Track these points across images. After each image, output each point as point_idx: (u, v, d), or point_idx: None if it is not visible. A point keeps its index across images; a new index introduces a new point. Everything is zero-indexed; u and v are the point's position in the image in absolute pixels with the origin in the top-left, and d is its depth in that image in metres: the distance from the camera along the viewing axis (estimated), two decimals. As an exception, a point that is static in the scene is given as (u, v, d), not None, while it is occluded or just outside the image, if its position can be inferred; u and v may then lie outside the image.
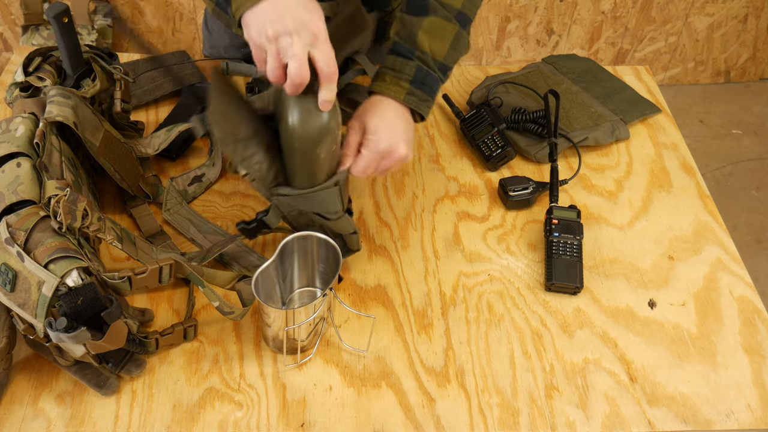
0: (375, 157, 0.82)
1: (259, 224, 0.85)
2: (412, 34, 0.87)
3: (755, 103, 2.54)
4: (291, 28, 0.69)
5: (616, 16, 2.31)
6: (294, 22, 0.70)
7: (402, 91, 0.86)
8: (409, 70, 0.86)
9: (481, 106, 1.14)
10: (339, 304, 0.90)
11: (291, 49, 0.70)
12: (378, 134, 0.82)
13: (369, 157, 0.81)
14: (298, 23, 0.70)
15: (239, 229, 0.86)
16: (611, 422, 0.82)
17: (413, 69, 0.86)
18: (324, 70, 0.72)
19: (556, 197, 1.03)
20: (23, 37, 2.06)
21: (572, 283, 0.93)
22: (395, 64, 0.87)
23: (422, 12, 0.87)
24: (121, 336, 0.74)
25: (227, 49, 1.20)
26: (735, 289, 0.97)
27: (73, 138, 0.91)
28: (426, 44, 0.87)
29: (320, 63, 0.71)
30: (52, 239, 0.73)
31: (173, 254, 0.93)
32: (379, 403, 0.82)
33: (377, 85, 0.87)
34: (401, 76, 0.86)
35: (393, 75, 0.86)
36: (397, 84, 0.86)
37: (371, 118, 0.83)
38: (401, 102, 0.86)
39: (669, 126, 1.21)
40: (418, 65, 0.87)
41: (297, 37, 0.69)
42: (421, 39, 0.87)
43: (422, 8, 0.87)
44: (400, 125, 0.84)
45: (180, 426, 0.79)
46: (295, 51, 0.69)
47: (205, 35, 1.23)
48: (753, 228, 2.13)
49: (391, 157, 0.83)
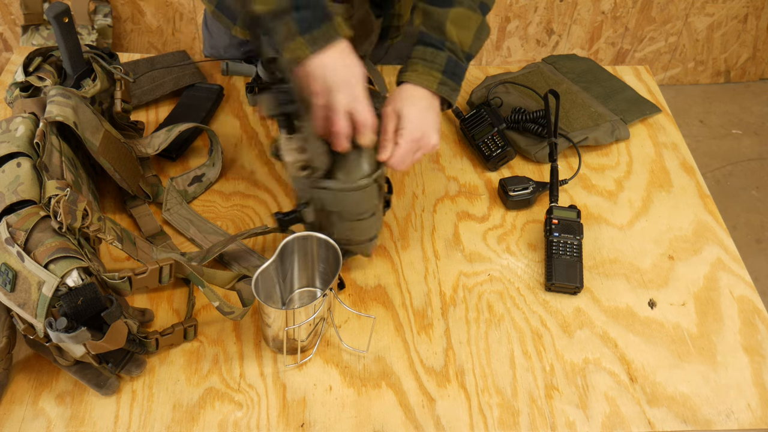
0: (412, 146, 0.84)
1: (296, 217, 0.86)
2: (441, 25, 0.89)
3: (755, 103, 2.54)
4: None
5: (616, 16, 2.31)
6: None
7: (434, 80, 0.88)
8: (441, 60, 0.88)
9: (481, 106, 1.14)
10: (339, 305, 0.90)
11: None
12: (413, 122, 0.84)
13: (406, 147, 0.84)
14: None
15: (276, 218, 0.86)
16: (611, 422, 0.82)
17: (444, 59, 0.88)
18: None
19: (556, 197, 1.03)
20: (23, 37, 2.06)
21: (572, 283, 0.93)
22: (426, 54, 0.89)
23: (447, 3, 0.89)
24: (121, 336, 0.74)
25: (227, 49, 1.20)
26: (735, 289, 0.97)
27: (74, 138, 0.91)
28: (454, 35, 0.89)
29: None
30: (53, 239, 0.73)
31: (173, 254, 0.93)
32: (379, 403, 0.82)
33: (409, 75, 0.88)
34: (433, 66, 0.88)
35: (425, 65, 0.88)
36: (429, 74, 0.88)
37: (405, 106, 0.85)
38: (434, 91, 0.88)
39: (669, 126, 1.21)
40: (449, 55, 0.89)
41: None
42: (450, 29, 0.89)
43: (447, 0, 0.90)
44: (432, 114, 0.87)
45: (180, 426, 0.79)
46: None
47: (205, 35, 1.24)
48: (753, 228, 2.13)
49: (425, 146, 0.86)
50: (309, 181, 0.82)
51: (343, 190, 0.81)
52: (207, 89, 1.17)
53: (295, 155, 0.79)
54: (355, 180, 0.81)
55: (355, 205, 0.83)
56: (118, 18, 2.15)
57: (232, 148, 1.11)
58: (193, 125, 1.02)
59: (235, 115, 1.17)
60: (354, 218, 0.85)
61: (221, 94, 1.17)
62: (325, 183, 0.82)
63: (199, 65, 1.22)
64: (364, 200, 0.83)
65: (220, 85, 1.18)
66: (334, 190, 0.82)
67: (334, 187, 0.81)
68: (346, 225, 0.85)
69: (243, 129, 1.14)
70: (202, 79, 1.20)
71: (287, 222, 0.87)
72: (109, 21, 2.10)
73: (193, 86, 1.18)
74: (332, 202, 0.83)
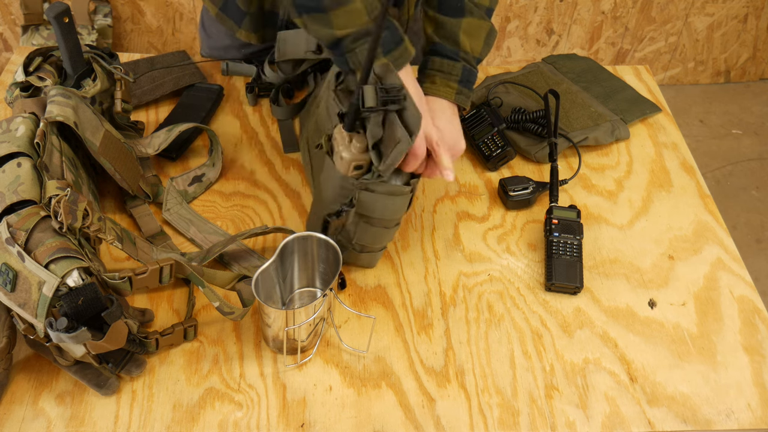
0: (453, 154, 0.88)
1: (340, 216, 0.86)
2: (454, 35, 0.91)
3: (755, 103, 2.54)
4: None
5: (616, 16, 2.31)
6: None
7: (452, 91, 0.91)
8: (457, 71, 0.92)
9: (481, 106, 1.14)
10: (339, 305, 0.90)
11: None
12: (447, 133, 0.88)
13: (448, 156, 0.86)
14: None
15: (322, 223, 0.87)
16: (611, 422, 0.82)
17: (460, 69, 0.92)
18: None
19: (556, 197, 1.03)
20: (23, 37, 2.06)
21: (572, 283, 0.93)
22: (443, 66, 0.92)
23: (459, 14, 0.92)
24: (122, 336, 0.74)
25: (227, 50, 1.20)
26: (735, 289, 0.97)
27: (74, 138, 0.91)
28: (467, 44, 0.92)
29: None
30: (53, 239, 0.74)
31: (173, 254, 0.93)
32: (379, 403, 0.82)
33: (429, 88, 0.92)
34: (450, 77, 0.92)
35: (442, 77, 0.92)
36: (447, 85, 0.91)
37: (436, 118, 0.88)
38: (452, 101, 0.91)
39: (669, 126, 1.21)
40: (464, 65, 0.92)
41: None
42: (463, 40, 0.92)
43: (459, 10, 0.92)
44: (456, 122, 0.91)
45: (180, 426, 0.79)
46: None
47: (203, 37, 1.23)
48: (753, 228, 2.13)
49: (457, 153, 0.89)
50: (358, 182, 0.81)
51: (385, 194, 0.82)
52: (207, 89, 1.17)
53: (355, 154, 0.79)
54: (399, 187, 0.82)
55: (391, 212, 0.84)
56: (118, 18, 2.15)
57: (232, 148, 1.11)
58: (193, 125, 1.02)
59: (235, 115, 1.17)
60: (383, 225, 0.86)
61: (221, 94, 1.18)
62: (371, 185, 0.81)
63: (199, 65, 1.22)
64: (399, 208, 0.84)
65: (220, 85, 1.18)
66: (378, 193, 0.82)
67: (378, 191, 0.81)
68: (371, 230, 0.86)
69: (243, 129, 1.15)
70: (202, 79, 1.20)
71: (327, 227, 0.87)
72: (109, 21, 2.10)
73: (193, 86, 1.18)
74: (370, 206, 0.83)
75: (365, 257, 0.92)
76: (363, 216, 0.85)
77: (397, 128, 0.75)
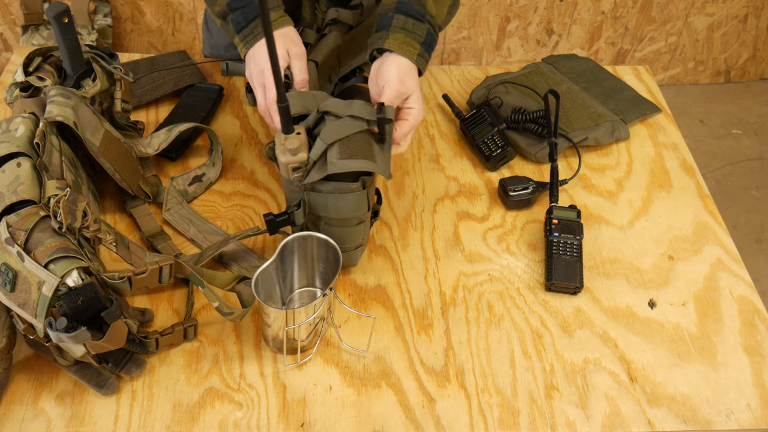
0: (415, 126, 0.87)
1: (287, 219, 0.86)
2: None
3: (755, 103, 2.54)
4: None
5: (616, 16, 2.31)
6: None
7: (414, 51, 0.88)
8: (421, 32, 0.89)
9: (481, 106, 1.14)
10: (339, 304, 0.90)
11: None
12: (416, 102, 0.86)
13: (411, 127, 0.86)
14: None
15: (266, 220, 0.86)
16: (611, 422, 0.82)
17: (425, 31, 0.89)
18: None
19: (556, 197, 1.03)
20: (23, 37, 2.06)
21: (572, 283, 0.93)
22: (407, 25, 0.88)
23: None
24: (121, 336, 0.74)
25: (228, 48, 1.20)
26: (735, 289, 0.97)
27: (73, 138, 0.91)
28: (433, 8, 0.91)
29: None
30: (52, 239, 0.73)
31: (168, 257, 0.93)
32: (379, 403, 0.82)
33: (392, 43, 0.87)
34: (414, 37, 0.88)
35: (406, 35, 0.88)
36: (410, 45, 0.88)
37: (407, 78, 0.86)
38: (413, 62, 0.88)
39: (669, 126, 1.21)
40: (428, 28, 0.89)
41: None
42: (429, 3, 0.90)
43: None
44: (418, 85, 0.88)
45: (180, 426, 0.79)
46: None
47: (206, 35, 1.24)
48: (753, 228, 2.13)
49: (419, 119, 0.88)
50: (301, 184, 0.82)
51: (333, 193, 0.81)
52: (207, 89, 1.17)
53: (289, 156, 0.79)
54: (346, 185, 0.81)
55: (346, 211, 0.83)
56: (118, 18, 2.15)
57: (232, 148, 1.11)
58: (193, 125, 1.02)
59: (235, 115, 1.17)
60: (343, 224, 0.85)
61: (221, 94, 1.17)
62: (316, 186, 0.81)
63: (199, 65, 1.22)
64: (353, 207, 0.83)
65: (220, 85, 1.18)
66: (324, 193, 0.82)
67: (324, 190, 0.81)
68: (335, 231, 0.85)
69: (243, 129, 1.15)
70: (202, 79, 1.20)
71: (277, 224, 0.86)
72: (109, 21, 2.10)
73: (193, 86, 1.18)
74: (321, 206, 0.83)
75: (344, 256, 0.91)
76: (320, 217, 0.84)
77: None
